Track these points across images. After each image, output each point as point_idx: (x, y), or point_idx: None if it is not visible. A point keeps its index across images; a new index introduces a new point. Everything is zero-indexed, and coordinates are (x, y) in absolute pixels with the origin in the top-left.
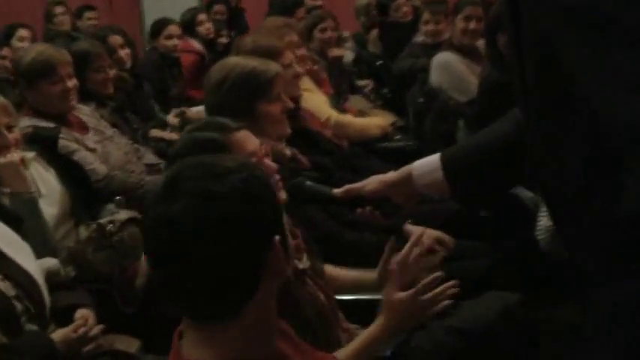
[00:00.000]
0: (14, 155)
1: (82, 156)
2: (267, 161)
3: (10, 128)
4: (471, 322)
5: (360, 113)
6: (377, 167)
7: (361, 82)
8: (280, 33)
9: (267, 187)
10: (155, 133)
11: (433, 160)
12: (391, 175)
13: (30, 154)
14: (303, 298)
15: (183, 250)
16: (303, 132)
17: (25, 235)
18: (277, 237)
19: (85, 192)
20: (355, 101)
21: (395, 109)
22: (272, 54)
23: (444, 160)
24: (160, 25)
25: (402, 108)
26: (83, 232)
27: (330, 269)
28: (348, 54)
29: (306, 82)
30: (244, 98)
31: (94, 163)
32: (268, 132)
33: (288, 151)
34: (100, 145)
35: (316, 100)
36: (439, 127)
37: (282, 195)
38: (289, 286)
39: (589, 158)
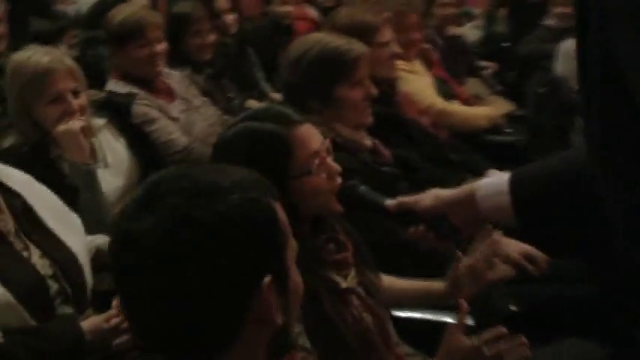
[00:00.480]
0: (75, 123)
1: (163, 125)
2: (330, 162)
3: (76, 94)
4: None
5: (475, 99)
6: (475, 164)
7: (483, 64)
8: (380, 8)
9: (262, 214)
10: (252, 104)
11: (501, 179)
12: (451, 192)
13: (99, 122)
14: (345, 320)
15: (145, 278)
16: (394, 119)
17: (79, 209)
18: (268, 277)
19: (156, 163)
20: (473, 85)
21: (516, 97)
22: (367, 31)
23: (513, 182)
24: None
25: (524, 96)
26: None
27: (387, 279)
28: (471, 33)
29: (414, 64)
30: (322, 80)
31: (174, 134)
32: (346, 119)
33: (368, 142)
34: (185, 115)
35: (418, 84)
36: (557, 122)
37: (336, 205)
38: (324, 306)
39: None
